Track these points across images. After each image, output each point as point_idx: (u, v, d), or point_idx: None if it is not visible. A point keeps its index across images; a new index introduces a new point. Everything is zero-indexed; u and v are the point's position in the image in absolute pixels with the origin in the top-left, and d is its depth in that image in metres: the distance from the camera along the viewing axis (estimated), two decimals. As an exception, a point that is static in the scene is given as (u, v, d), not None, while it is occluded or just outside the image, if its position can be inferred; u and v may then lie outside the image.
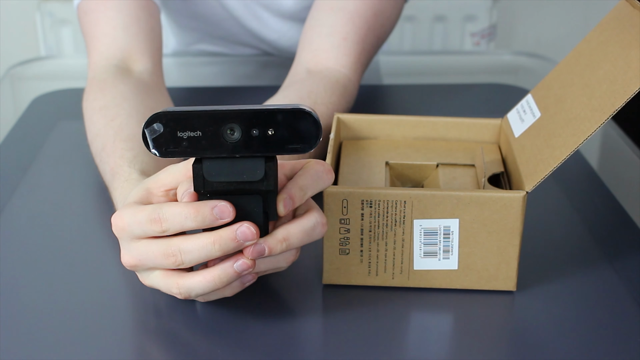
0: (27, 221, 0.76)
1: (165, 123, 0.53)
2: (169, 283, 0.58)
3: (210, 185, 0.54)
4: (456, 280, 0.65)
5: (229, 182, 0.54)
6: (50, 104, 1.04)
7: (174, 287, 0.58)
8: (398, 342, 0.61)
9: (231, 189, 0.55)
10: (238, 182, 0.54)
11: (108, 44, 0.88)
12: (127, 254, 0.59)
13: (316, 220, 0.58)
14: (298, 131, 0.53)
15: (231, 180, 0.54)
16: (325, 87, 0.84)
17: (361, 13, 0.90)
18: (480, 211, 0.63)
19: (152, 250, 0.57)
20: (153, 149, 0.54)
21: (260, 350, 0.60)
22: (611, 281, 0.68)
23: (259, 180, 0.54)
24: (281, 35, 1.15)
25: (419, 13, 1.77)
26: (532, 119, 0.69)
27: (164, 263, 0.57)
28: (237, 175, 0.54)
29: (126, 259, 0.59)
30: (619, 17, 0.67)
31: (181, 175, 0.59)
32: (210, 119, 0.53)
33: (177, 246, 0.56)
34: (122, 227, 0.58)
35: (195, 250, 0.55)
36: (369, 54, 0.92)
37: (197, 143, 0.53)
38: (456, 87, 1.11)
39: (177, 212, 0.55)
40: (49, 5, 1.71)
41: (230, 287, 0.60)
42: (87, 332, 0.62)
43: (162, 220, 0.56)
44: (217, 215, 0.55)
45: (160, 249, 0.57)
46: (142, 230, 0.57)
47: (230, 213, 0.55)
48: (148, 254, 0.57)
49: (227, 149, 0.53)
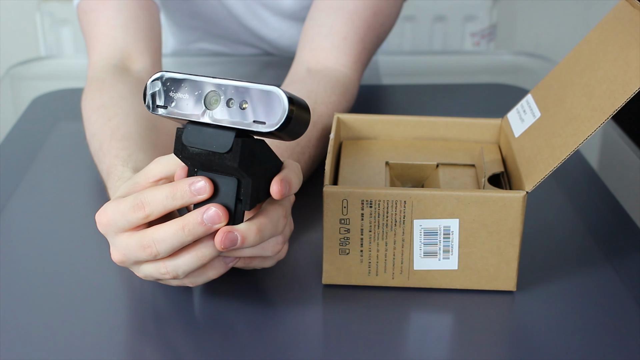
0: (27, 221, 0.76)
1: (163, 82, 0.57)
2: (158, 266, 0.59)
3: (186, 151, 0.56)
4: (456, 280, 0.65)
5: (201, 150, 0.56)
6: (50, 104, 1.04)
7: (162, 269, 0.58)
8: (398, 342, 0.61)
9: (203, 160, 0.56)
10: (208, 153, 0.56)
11: (107, 44, 0.88)
12: (115, 251, 0.60)
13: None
14: (268, 109, 0.55)
15: (202, 148, 0.56)
16: (325, 87, 0.84)
17: (361, 12, 0.90)
18: (480, 211, 0.63)
19: (130, 244, 0.58)
20: (147, 102, 0.57)
21: (260, 350, 0.59)
22: (611, 281, 0.68)
23: (225, 153, 0.55)
24: (281, 34, 1.15)
25: (419, 13, 1.77)
26: (532, 119, 0.69)
27: (142, 256, 0.58)
28: (208, 144, 0.56)
29: (114, 255, 0.60)
30: (619, 16, 0.67)
31: (169, 165, 0.59)
32: (198, 85, 0.56)
33: (151, 237, 0.57)
34: (107, 222, 0.58)
35: (167, 238, 0.56)
36: (369, 53, 0.93)
37: (183, 105, 0.56)
38: (456, 87, 1.11)
39: (158, 194, 0.56)
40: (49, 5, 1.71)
41: (213, 267, 0.60)
42: (87, 332, 0.62)
43: (144, 205, 0.57)
44: (194, 191, 0.56)
45: (137, 242, 0.57)
46: (127, 220, 0.58)
47: (207, 189, 0.56)
48: (129, 248, 0.58)
49: (207, 116, 0.56)
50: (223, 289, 0.66)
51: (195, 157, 0.56)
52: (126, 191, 0.60)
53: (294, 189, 0.58)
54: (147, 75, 0.87)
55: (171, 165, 0.59)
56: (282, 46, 1.17)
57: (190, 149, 0.56)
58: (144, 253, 0.57)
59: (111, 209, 0.58)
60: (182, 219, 0.56)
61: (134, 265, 0.60)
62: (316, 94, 0.83)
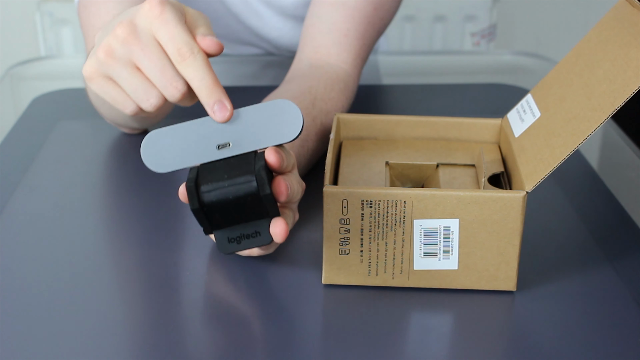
0: (27, 221, 0.76)
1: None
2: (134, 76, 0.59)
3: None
4: (456, 280, 0.65)
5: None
6: (50, 104, 1.04)
7: (132, 82, 0.59)
8: (398, 342, 0.61)
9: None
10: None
11: None
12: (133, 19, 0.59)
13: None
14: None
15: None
16: (325, 83, 0.85)
17: (361, 8, 0.90)
18: (480, 211, 0.63)
19: (158, 25, 0.58)
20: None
21: (260, 349, 0.60)
22: (611, 281, 0.68)
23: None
24: (282, 33, 1.15)
25: (419, 13, 1.77)
26: (532, 118, 0.69)
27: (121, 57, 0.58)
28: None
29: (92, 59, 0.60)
30: (619, 16, 0.67)
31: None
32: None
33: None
34: (159, 15, 0.58)
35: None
36: (369, 48, 0.93)
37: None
38: (456, 87, 1.11)
39: (202, 69, 0.58)
40: (49, 5, 1.71)
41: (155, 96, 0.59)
42: (87, 332, 0.62)
43: (187, 60, 0.57)
44: (219, 108, 0.58)
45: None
46: (167, 43, 0.58)
47: (228, 109, 0.58)
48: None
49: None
50: (223, 289, 0.66)
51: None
52: (183, 9, 0.60)
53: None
54: None
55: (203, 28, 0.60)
56: (282, 45, 1.17)
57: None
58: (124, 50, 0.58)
59: (172, 18, 0.58)
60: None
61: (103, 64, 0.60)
62: (316, 90, 0.83)
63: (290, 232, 0.73)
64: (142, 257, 0.70)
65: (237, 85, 1.13)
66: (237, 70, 1.21)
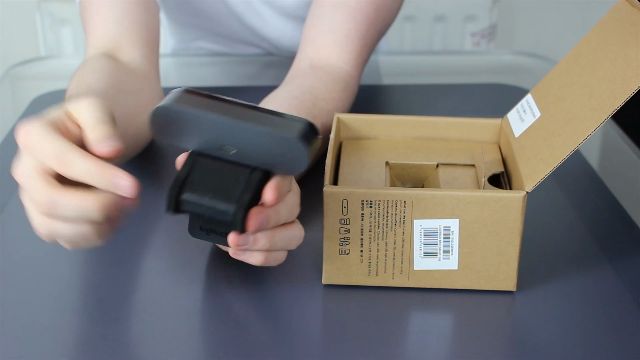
0: (27, 221, 0.76)
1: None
2: (40, 220, 0.56)
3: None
4: (456, 280, 0.65)
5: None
6: (50, 104, 1.03)
7: (41, 228, 0.56)
8: (398, 342, 0.61)
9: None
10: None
11: (99, 36, 0.89)
12: (18, 168, 0.57)
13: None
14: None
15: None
16: (326, 84, 0.85)
17: (362, 9, 0.90)
18: (480, 211, 0.63)
19: (32, 185, 0.55)
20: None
21: (260, 350, 0.59)
22: (611, 281, 0.68)
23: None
24: (283, 34, 1.15)
25: (419, 13, 1.77)
26: (532, 118, 0.69)
27: (35, 201, 0.55)
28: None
29: (17, 172, 0.57)
30: (619, 16, 0.67)
31: (100, 111, 0.57)
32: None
33: (53, 198, 0.54)
34: (25, 144, 0.56)
35: (72, 209, 0.53)
36: (370, 49, 0.93)
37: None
38: (456, 87, 1.11)
39: (82, 164, 0.54)
40: (49, 5, 1.71)
41: (97, 229, 0.56)
42: (87, 332, 0.62)
43: (65, 163, 0.54)
44: (117, 186, 0.54)
45: (38, 189, 0.54)
46: (43, 159, 0.55)
47: (130, 190, 0.54)
48: (29, 183, 0.55)
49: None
50: (223, 289, 0.66)
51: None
52: (55, 117, 0.57)
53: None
54: (136, 66, 0.88)
55: (97, 113, 0.57)
56: (282, 46, 1.17)
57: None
58: (38, 203, 0.54)
59: (36, 136, 0.55)
60: (97, 197, 0.53)
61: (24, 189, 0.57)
62: (317, 90, 0.83)
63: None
64: (142, 256, 0.70)
65: (237, 85, 1.13)
66: (237, 70, 1.21)
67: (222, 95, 0.58)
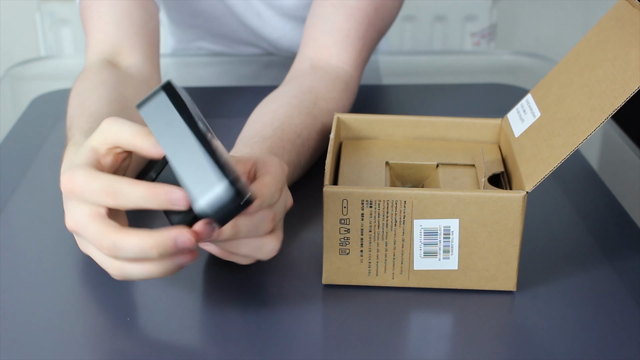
0: (27, 221, 0.76)
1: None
2: (107, 262, 0.56)
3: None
4: (456, 280, 0.65)
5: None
6: (50, 104, 1.04)
7: (112, 269, 0.56)
8: (398, 342, 0.61)
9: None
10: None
11: (99, 40, 0.89)
12: (70, 219, 0.57)
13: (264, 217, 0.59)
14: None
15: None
16: (326, 83, 0.85)
17: (362, 8, 0.90)
18: (480, 211, 0.63)
19: (89, 230, 0.55)
20: None
21: (260, 350, 0.59)
22: (611, 281, 0.68)
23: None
24: (282, 34, 1.15)
25: (419, 13, 1.77)
26: (532, 118, 0.69)
27: (97, 246, 0.56)
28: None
29: (69, 222, 0.57)
30: (618, 16, 0.67)
31: (123, 128, 0.57)
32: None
33: (113, 241, 0.54)
34: (73, 190, 0.56)
35: (131, 250, 0.54)
36: (370, 48, 0.93)
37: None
38: (456, 87, 1.11)
39: (134, 190, 0.54)
40: (49, 5, 1.71)
41: (164, 265, 0.56)
42: (87, 332, 0.62)
43: (118, 195, 0.55)
44: (172, 202, 0.54)
45: (95, 234, 0.55)
46: (94, 199, 0.55)
47: (184, 202, 0.54)
48: (85, 229, 0.56)
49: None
50: (223, 289, 0.66)
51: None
52: (87, 158, 0.57)
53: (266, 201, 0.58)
54: (137, 71, 0.88)
55: (125, 128, 0.57)
56: (282, 46, 1.18)
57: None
58: (100, 247, 0.55)
59: (81, 179, 0.55)
60: (153, 237, 0.54)
61: (83, 240, 0.58)
62: (318, 90, 0.84)
63: (291, 232, 0.73)
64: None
65: (237, 85, 1.13)
66: (237, 70, 1.21)
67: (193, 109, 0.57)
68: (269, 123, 0.77)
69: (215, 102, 1.02)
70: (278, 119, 0.78)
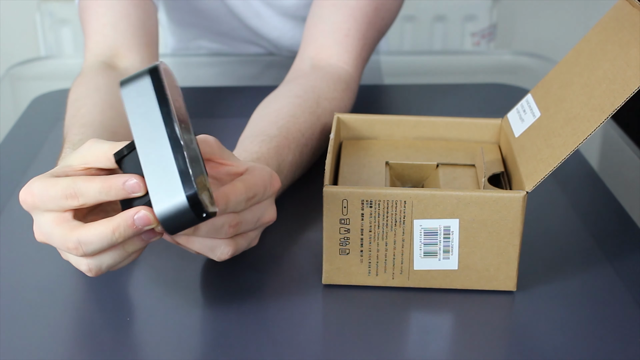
0: (27, 221, 0.76)
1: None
2: (80, 261, 0.57)
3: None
4: (456, 280, 0.65)
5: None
6: (50, 104, 1.04)
7: (84, 265, 0.57)
8: (398, 342, 0.61)
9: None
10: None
11: (97, 41, 0.89)
12: (38, 231, 0.58)
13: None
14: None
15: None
16: (328, 83, 0.86)
17: (362, 8, 0.90)
18: (480, 211, 0.63)
19: (54, 235, 0.57)
20: None
21: (260, 349, 0.59)
22: (611, 281, 0.68)
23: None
24: (282, 34, 1.15)
25: (419, 13, 1.77)
26: (532, 118, 0.69)
27: (65, 249, 0.57)
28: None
29: (37, 235, 0.59)
30: (618, 16, 0.67)
31: (102, 152, 0.58)
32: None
33: (77, 238, 0.56)
34: (32, 203, 0.57)
35: (95, 240, 0.55)
36: (370, 48, 0.93)
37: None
38: (456, 87, 1.11)
39: (92, 186, 0.55)
40: (49, 5, 1.71)
41: (132, 245, 0.57)
42: (87, 332, 0.62)
43: (77, 195, 0.56)
44: (127, 188, 0.55)
45: (60, 237, 0.56)
46: (57, 205, 0.56)
47: (140, 188, 0.55)
48: (52, 236, 0.57)
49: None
50: (222, 289, 0.66)
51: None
52: (58, 172, 0.58)
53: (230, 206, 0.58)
54: (135, 71, 0.88)
55: (105, 152, 0.58)
56: (282, 45, 1.18)
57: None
58: (68, 249, 0.56)
59: (38, 189, 0.56)
60: (111, 222, 0.55)
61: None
62: (319, 89, 0.84)
63: (291, 232, 0.73)
64: (142, 254, 0.70)
65: (237, 86, 1.13)
66: (238, 70, 1.21)
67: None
68: (274, 122, 0.77)
69: (215, 102, 1.02)
70: (282, 117, 0.78)
